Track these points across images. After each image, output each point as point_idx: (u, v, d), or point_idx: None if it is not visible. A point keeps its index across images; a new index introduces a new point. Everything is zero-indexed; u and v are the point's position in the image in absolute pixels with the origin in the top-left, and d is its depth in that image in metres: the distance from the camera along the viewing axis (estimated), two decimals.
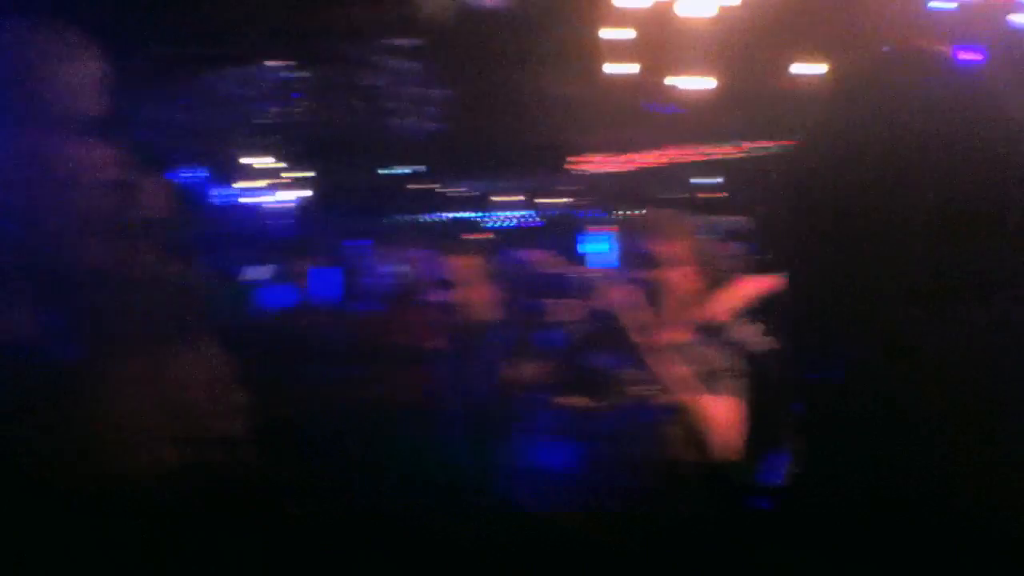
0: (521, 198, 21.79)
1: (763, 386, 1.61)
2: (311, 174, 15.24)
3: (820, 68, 6.82)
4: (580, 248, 8.48)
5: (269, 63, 7.25)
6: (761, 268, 1.24)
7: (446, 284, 3.19)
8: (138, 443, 1.11)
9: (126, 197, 1.05)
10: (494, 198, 21.55)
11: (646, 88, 8.11)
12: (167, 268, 1.19)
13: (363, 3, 7.94)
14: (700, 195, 15.51)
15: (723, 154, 14.52)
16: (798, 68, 7.04)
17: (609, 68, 7.39)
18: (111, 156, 1.14)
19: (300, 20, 7.40)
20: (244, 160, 11.94)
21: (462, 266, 3.41)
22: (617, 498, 1.83)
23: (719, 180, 15.99)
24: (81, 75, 1.13)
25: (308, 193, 15.77)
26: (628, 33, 6.85)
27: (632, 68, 7.27)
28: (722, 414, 1.83)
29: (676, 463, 1.86)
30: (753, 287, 1.88)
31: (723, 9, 5.85)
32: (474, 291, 3.05)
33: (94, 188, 0.98)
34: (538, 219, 19.34)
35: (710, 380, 1.92)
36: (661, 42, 6.76)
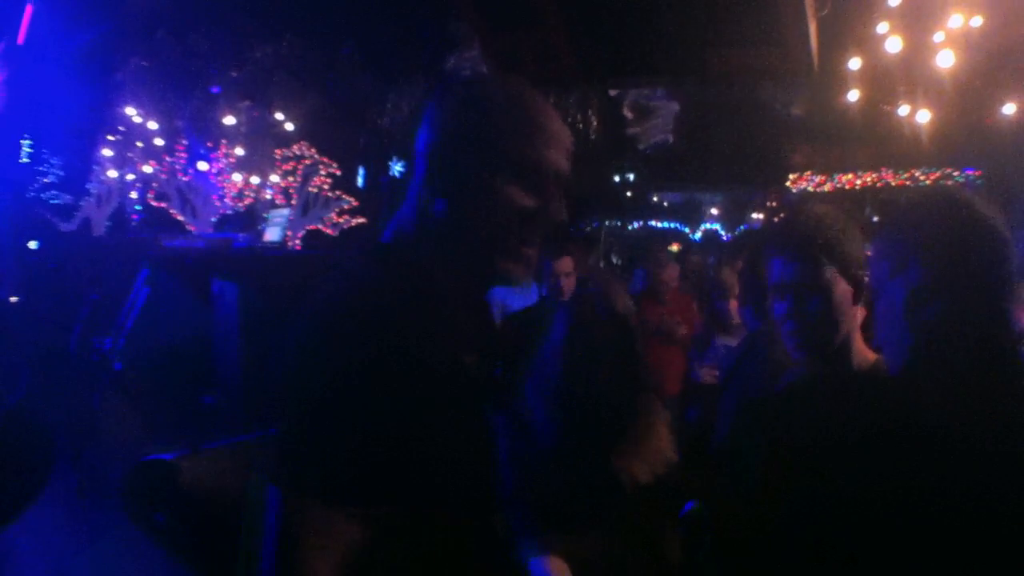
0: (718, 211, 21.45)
1: None
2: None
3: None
4: None
5: None
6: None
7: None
8: None
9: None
10: (704, 210, 21.37)
11: (867, 114, 8.49)
12: None
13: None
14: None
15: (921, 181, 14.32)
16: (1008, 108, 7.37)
17: (842, 95, 7.84)
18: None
19: None
20: None
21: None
22: None
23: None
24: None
25: None
26: (855, 63, 7.39)
27: (855, 95, 7.71)
28: None
29: None
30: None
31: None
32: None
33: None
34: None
35: None
36: (887, 73, 7.20)
